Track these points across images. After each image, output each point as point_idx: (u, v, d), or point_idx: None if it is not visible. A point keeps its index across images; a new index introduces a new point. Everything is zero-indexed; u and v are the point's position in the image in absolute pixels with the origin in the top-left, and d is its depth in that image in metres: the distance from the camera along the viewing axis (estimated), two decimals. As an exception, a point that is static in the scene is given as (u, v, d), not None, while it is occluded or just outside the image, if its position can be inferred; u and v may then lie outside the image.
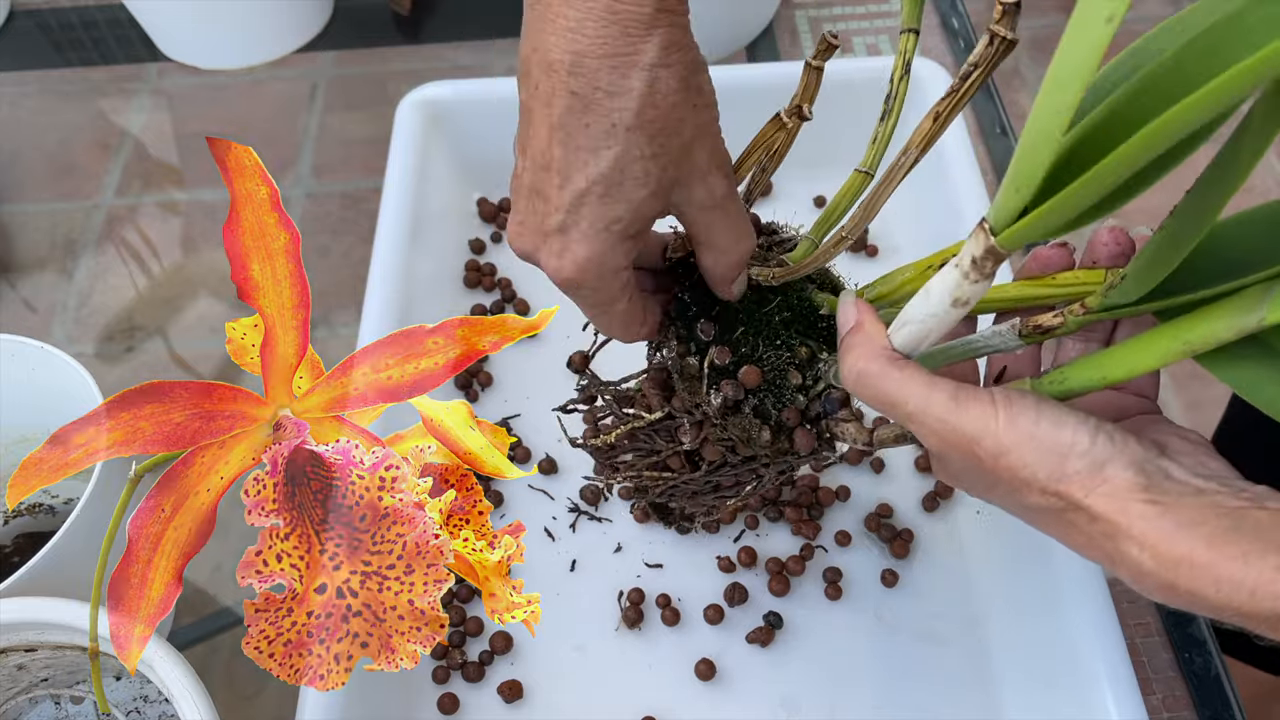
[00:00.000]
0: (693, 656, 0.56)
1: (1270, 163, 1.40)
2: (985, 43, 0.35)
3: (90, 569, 0.40)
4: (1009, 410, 0.33)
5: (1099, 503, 0.31)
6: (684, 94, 0.36)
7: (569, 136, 0.35)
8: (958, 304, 0.34)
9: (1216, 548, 0.29)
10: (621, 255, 0.37)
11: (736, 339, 0.43)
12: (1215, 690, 0.56)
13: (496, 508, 0.62)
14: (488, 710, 0.55)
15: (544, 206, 0.37)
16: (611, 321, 0.41)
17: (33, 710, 0.52)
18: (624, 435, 0.46)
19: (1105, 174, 0.27)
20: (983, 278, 0.33)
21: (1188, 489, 0.31)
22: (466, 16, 0.95)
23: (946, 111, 0.38)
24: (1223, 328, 0.30)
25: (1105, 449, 0.32)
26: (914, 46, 0.40)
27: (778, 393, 0.43)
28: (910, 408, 0.35)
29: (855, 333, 0.38)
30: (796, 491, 0.60)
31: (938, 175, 0.65)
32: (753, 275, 0.44)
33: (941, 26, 0.90)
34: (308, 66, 0.92)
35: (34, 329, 0.75)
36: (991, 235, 0.32)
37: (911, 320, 0.36)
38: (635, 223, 0.37)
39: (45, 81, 0.92)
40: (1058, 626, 0.51)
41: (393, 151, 0.69)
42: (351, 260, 0.78)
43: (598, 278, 0.38)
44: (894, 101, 0.41)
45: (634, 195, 0.36)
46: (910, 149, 0.39)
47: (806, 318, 0.44)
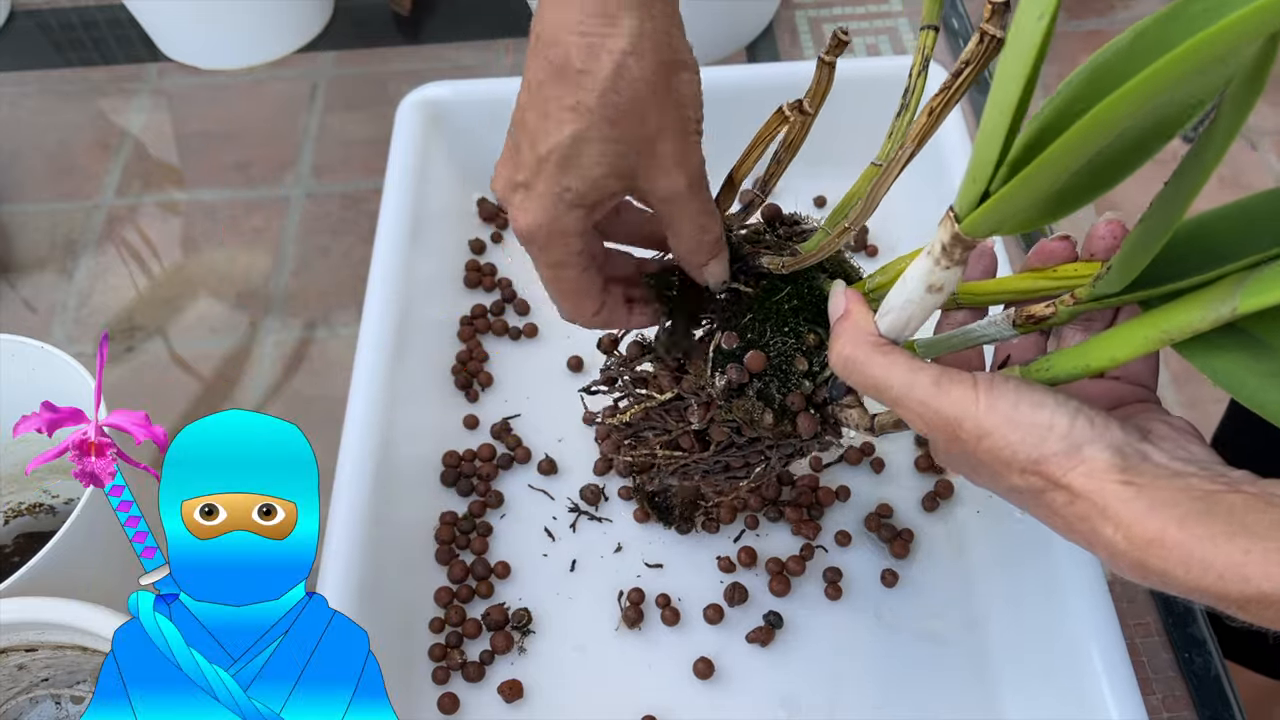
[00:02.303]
0: (692, 656, 0.56)
1: (1269, 161, 1.40)
2: (976, 41, 0.36)
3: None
4: (989, 394, 0.34)
5: (1076, 482, 0.32)
6: (652, 87, 0.37)
7: (541, 104, 0.38)
8: (932, 290, 0.36)
9: (1187, 529, 0.30)
10: (571, 221, 0.39)
11: (745, 325, 0.45)
12: (1215, 690, 0.56)
13: (496, 507, 0.62)
14: (488, 710, 0.55)
15: (516, 160, 0.39)
16: (561, 287, 0.43)
17: (33, 710, 0.52)
18: (638, 414, 0.48)
19: (1055, 160, 0.28)
20: (953, 264, 0.35)
21: (1164, 472, 0.32)
22: (466, 16, 0.95)
23: (940, 107, 0.38)
24: (1198, 317, 0.31)
25: (1084, 431, 0.32)
26: (933, 43, 0.41)
27: (783, 378, 0.44)
28: (895, 392, 0.36)
29: (844, 320, 0.39)
30: (796, 491, 0.60)
31: (936, 173, 0.65)
32: (764, 264, 0.45)
33: (942, 26, 0.90)
34: (308, 66, 0.92)
35: (34, 329, 0.75)
36: (956, 222, 0.33)
37: (893, 307, 0.37)
38: (589, 195, 0.39)
39: (45, 81, 0.92)
40: (1058, 626, 0.51)
41: (393, 151, 0.69)
42: (351, 260, 0.78)
43: (547, 237, 0.40)
44: (911, 96, 0.42)
45: (589, 172, 0.38)
46: (906, 143, 0.40)
47: (816, 305, 0.45)
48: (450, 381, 0.67)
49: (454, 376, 0.67)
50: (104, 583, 0.48)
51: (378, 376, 0.59)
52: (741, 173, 0.45)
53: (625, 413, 0.49)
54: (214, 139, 0.88)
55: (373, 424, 0.57)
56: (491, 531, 0.61)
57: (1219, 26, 0.23)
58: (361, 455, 0.56)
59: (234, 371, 0.73)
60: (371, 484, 0.55)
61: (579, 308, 0.44)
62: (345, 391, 0.58)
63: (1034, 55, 0.27)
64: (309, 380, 0.73)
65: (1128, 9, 1.35)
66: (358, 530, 0.54)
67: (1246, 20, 0.22)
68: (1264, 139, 1.40)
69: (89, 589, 0.46)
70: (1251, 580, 0.29)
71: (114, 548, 0.43)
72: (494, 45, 0.93)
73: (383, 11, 0.95)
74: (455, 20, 0.95)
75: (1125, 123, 0.27)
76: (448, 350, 0.68)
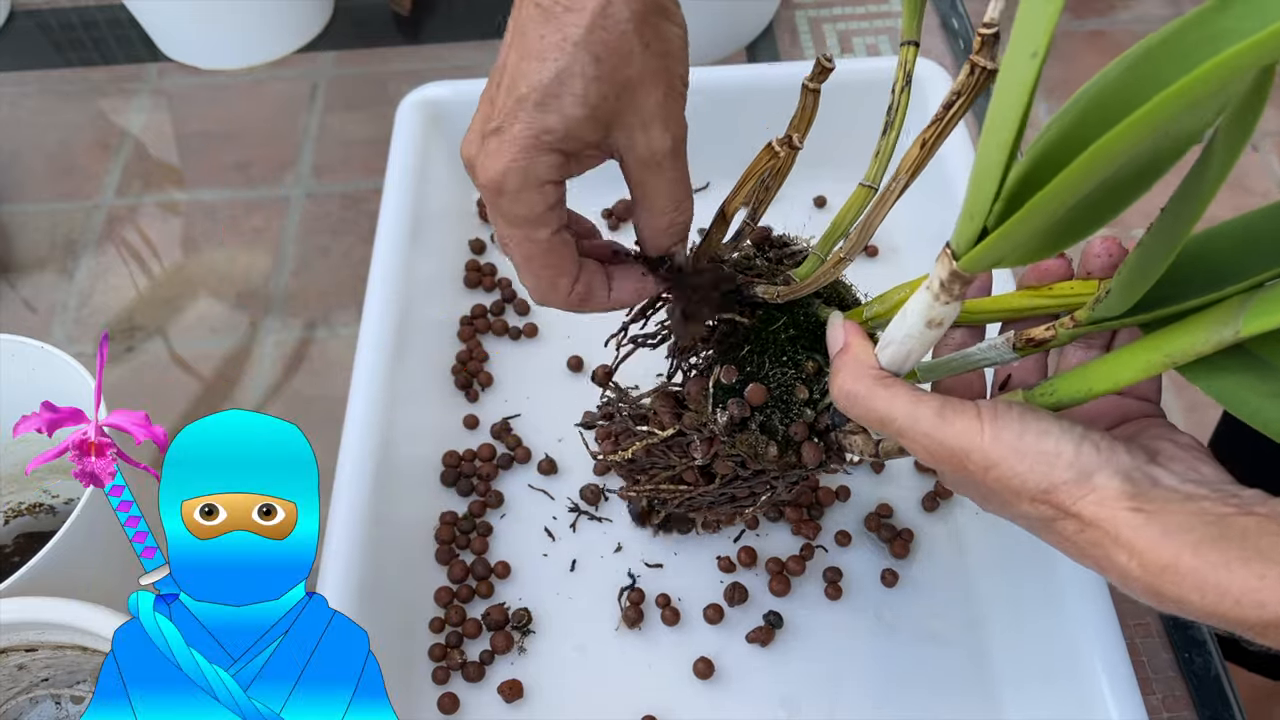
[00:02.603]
0: (692, 656, 0.56)
1: (1270, 163, 1.40)
2: (966, 72, 0.36)
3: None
4: (994, 424, 0.33)
5: (1087, 510, 0.32)
6: (637, 28, 0.36)
7: (525, 44, 0.37)
8: (931, 325, 0.35)
9: (1201, 555, 0.29)
10: (545, 168, 0.37)
11: (743, 357, 0.44)
12: (1215, 690, 0.56)
13: (496, 508, 0.62)
14: (488, 710, 0.55)
15: (488, 111, 0.38)
16: (531, 252, 0.40)
17: (33, 710, 0.52)
18: (640, 451, 0.48)
19: (1051, 198, 0.28)
20: (953, 299, 0.34)
21: (1175, 495, 0.31)
22: (466, 16, 0.95)
23: (933, 139, 0.38)
24: (1201, 340, 0.31)
25: (1091, 458, 0.32)
26: (914, 59, 0.41)
27: (785, 408, 0.44)
28: (899, 425, 0.35)
29: (844, 354, 0.39)
30: (796, 491, 0.60)
31: (938, 178, 0.65)
32: (759, 294, 0.44)
33: (941, 27, 0.90)
34: (308, 66, 0.92)
35: (34, 329, 0.75)
36: (954, 260, 0.33)
37: (893, 340, 0.37)
38: (566, 140, 0.37)
39: (45, 81, 0.92)
40: (1058, 626, 0.51)
41: (393, 151, 0.69)
42: (351, 260, 0.78)
43: (519, 185, 0.37)
44: (895, 114, 0.41)
45: (570, 111, 0.37)
46: (900, 174, 0.39)
47: (813, 332, 0.45)
48: (450, 381, 0.67)
49: (454, 376, 0.67)
50: (104, 583, 0.48)
51: (378, 376, 0.59)
52: (734, 206, 0.44)
53: (628, 449, 0.48)
54: (214, 139, 0.88)
55: (373, 424, 0.57)
56: (491, 531, 0.61)
57: (1215, 63, 0.22)
58: (361, 455, 0.56)
59: (234, 371, 0.73)
60: (371, 484, 0.55)
61: (554, 282, 0.41)
62: (345, 391, 0.58)
63: (1026, 93, 0.27)
64: (309, 380, 0.73)
65: (1128, 9, 1.35)
66: (358, 530, 0.54)
67: (1242, 55, 0.22)
68: (1265, 140, 1.40)
69: (89, 589, 0.46)
70: (1268, 605, 0.28)
71: (114, 548, 0.43)
72: (493, 45, 0.93)
73: (383, 11, 0.95)
74: (455, 20, 0.95)
75: (1121, 159, 0.27)
76: (448, 350, 0.68)
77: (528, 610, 0.57)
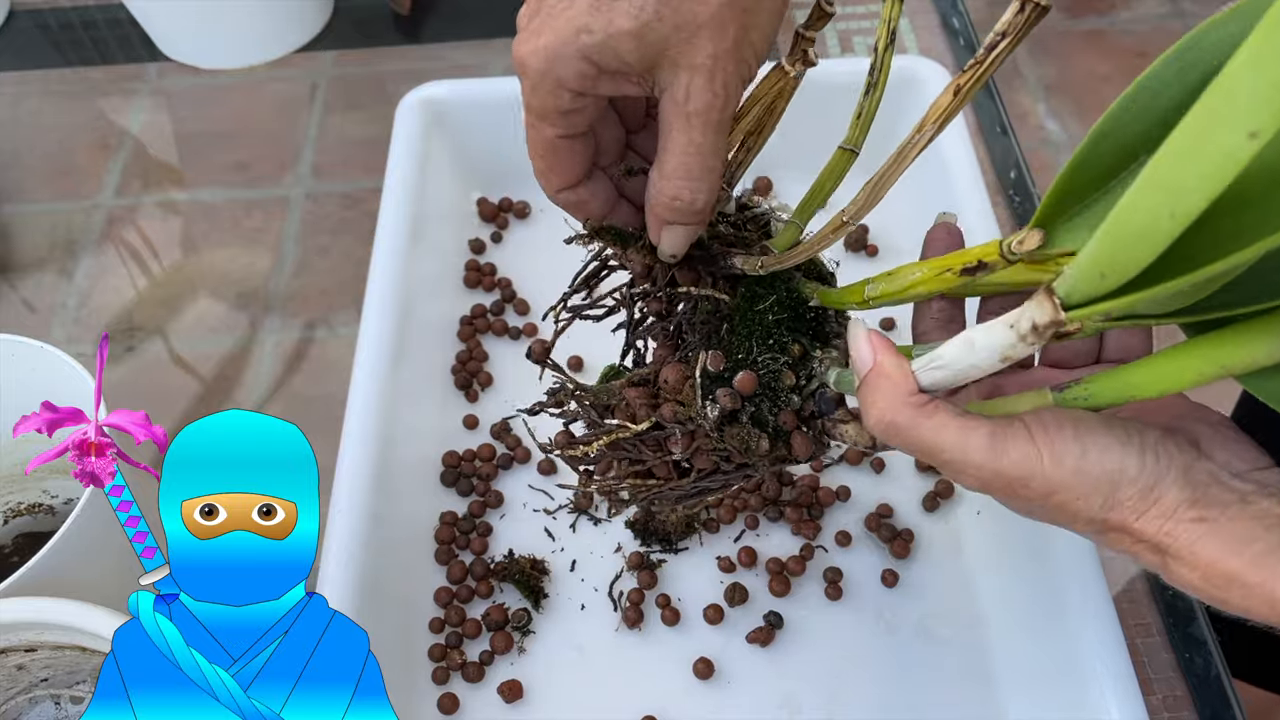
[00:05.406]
0: (693, 656, 0.56)
1: None
2: (1016, 9, 0.33)
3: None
4: (1051, 446, 0.32)
5: (1149, 526, 0.31)
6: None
7: None
8: (1005, 360, 0.32)
9: (1268, 567, 0.29)
10: (570, 72, 0.35)
11: (727, 341, 0.40)
12: (1215, 690, 0.56)
13: (496, 507, 0.62)
14: (488, 710, 0.55)
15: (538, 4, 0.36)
16: (534, 140, 0.38)
17: (33, 710, 0.52)
18: (603, 447, 0.41)
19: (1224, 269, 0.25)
20: (1039, 341, 0.31)
21: (1233, 496, 0.31)
22: (466, 16, 0.95)
23: (969, 85, 0.35)
24: (1264, 353, 0.28)
25: (1153, 468, 0.31)
26: (898, 13, 0.37)
27: (773, 396, 0.40)
28: (947, 455, 0.33)
29: (877, 376, 0.35)
30: (796, 491, 0.60)
31: (938, 174, 0.65)
32: (738, 265, 0.40)
33: (942, 26, 0.90)
34: (308, 66, 0.92)
35: (34, 329, 0.75)
36: (1062, 310, 0.29)
37: (948, 366, 0.33)
38: (603, 50, 0.34)
39: (45, 81, 0.92)
40: (1058, 626, 0.51)
41: (393, 151, 0.69)
42: (351, 260, 0.78)
43: (539, 73, 0.35)
44: (879, 74, 0.38)
45: (617, 22, 0.34)
46: (926, 125, 0.36)
47: (795, 310, 0.41)
48: (450, 381, 0.67)
49: (454, 376, 0.67)
50: (104, 583, 0.48)
51: (378, 376, 0.59)
52: (732, 140, 0.40)
53: (589, 444, 0.41)
54: (214, 139, 0.88)
55: (372, 424, 0.57)
56: (491, 531, 0.61)
57: None
58: (361, 455, 0.56)
59: (234, 371, 0.73)
60: (371, 484, 0.55)
61: (545, 175, 0.39)
62: (345, 391, 0.58)
63: (1232, 175, 0.23)
64: (309, 380, 0.73)
65: (1129, 9, 1.35)
66: (358, 530, 0.54)
67: None
68: None
69: (89, 589, 0.46)
70: None
71: (114, 548, 0.43)
72: (493, 45, 0.93)
73: (382, 11, 0.95)
74: (455, 20, 0.95)
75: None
76: (448, 350, 0.68)
77: (528, 610, 0.57)
